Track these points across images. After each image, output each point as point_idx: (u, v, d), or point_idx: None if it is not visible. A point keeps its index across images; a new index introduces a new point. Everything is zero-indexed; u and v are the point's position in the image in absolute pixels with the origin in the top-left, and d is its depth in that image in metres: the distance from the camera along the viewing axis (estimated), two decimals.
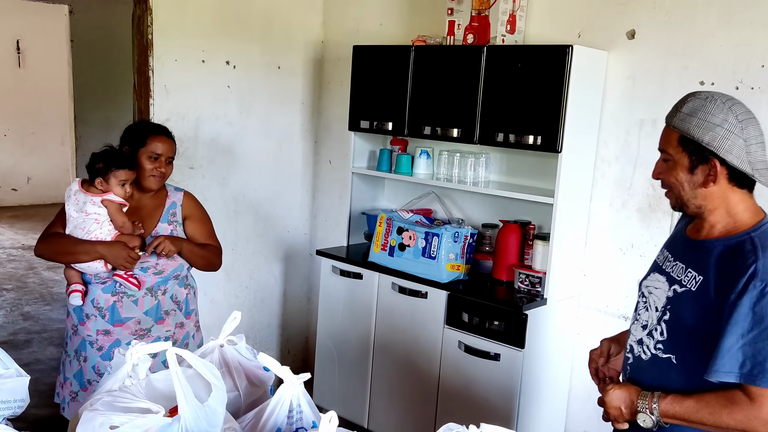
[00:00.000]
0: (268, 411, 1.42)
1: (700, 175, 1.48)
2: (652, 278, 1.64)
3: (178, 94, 3.24)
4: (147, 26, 3.06)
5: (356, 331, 3.24)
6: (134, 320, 2.36)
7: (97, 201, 2.24)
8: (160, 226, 2.39)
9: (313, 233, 4.05)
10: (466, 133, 2.93)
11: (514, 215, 3.10)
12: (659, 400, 1.48)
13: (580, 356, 3.00)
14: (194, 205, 2.51)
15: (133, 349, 1.47)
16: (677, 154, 1.49)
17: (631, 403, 1.52)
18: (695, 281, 1.49)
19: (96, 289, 2.34)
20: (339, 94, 3.75)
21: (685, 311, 1.49)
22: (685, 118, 1.47)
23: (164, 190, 2.47)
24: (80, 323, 2.36)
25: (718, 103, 1.45)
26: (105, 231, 2.26)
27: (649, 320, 1.58)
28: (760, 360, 1.37)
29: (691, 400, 1.45)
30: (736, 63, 2.51)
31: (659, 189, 2.72)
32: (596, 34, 2.84)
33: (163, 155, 2.36)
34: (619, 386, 1.56)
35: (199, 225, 2.49)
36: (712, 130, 1.44)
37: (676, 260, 1.57)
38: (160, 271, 2.37)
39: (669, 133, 1.52)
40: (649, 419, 1.48)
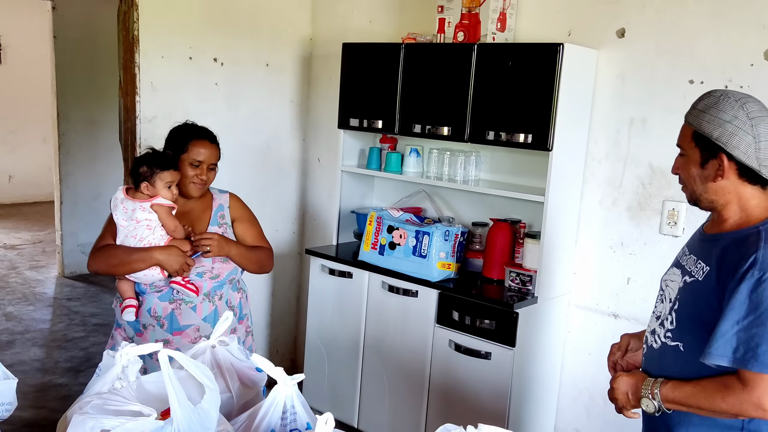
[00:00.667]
0: (262, 412, 1.40)
1: (710, 170, 1.53)
2: (670, 272, 1.70)
3: (165, 91, 3.20)
4: (133, 22, 3.01)
5: (346, 331, 3.22)
6: (193, 327, 2.29)
7: (146, 206, 2.17)
8: (210, 228, 2.34)
9: (302, 232, 4.02)
10: (457, 132, 2.92)
11: (504, 213, 3.10)
12: (661, 385, 1.54)
13: (571, 354, 3.01)
14: (242, 206, 2.46)
15: (123, 351, 1.44)
16: (690, 149, 1.56)
17: (636, 390, 1.58)
18: (702, 271, 1.55)
19: (152, 297, 2.27)
20: (328, 92, 3.72)
21: (692, 300, 1.56)
22: (698, 114, 1.53)
23: (209, 193, 2.42)
24: (137, 334, 2.28)
25: (731, 101, 1.50)
26: (158, 236, 2.19)
27: (663, 311, 1.65)
28: (752, 346, 1.41)
29: (689, 386, 1.52)
30: (725, 61, 2.52)
31: (649, 187, 2.75)
32: (586, 32, 2.84)
33: (204, 162, 2.28)
34: (626, 374, 1.64)
35: (249, 227, 2.44)
36: (721, 126, 1.49)
37: (691, 254, 1.64)
38: (216, 275, 2.31)
39: (685, 129, 1.58)
40: (651, 404, 1.54)
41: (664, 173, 2.70)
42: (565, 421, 3.04)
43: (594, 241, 2.91)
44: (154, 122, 3.16)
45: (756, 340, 1.41)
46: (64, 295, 5.34)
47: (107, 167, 5.78)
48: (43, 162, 7.83)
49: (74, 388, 3.67)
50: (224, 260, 2.31)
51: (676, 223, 2.68)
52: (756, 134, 1.47)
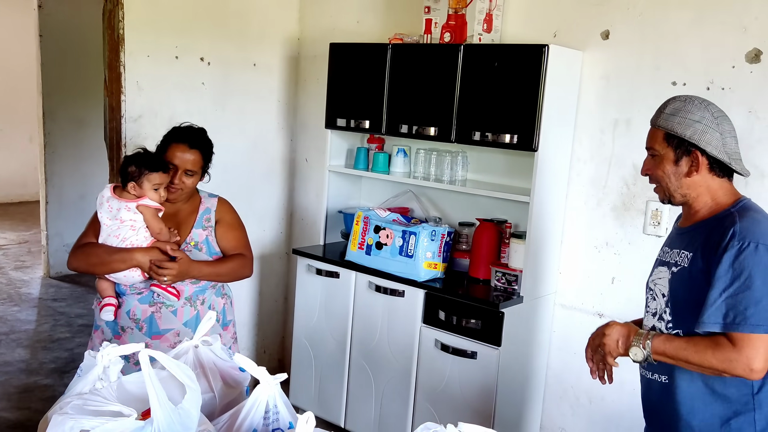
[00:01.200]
0: (244, 412, 1.40)
1: (684, 166, 1.67)
2: (655, 273, 1.80)
3: (150, 91, 3.18)
4: (118, 21, 3.00)
5: (333, 331, 3.22)
6: (173, 332, 2.26)
7: (132, 207, 2.14)
8: (194, 231, 2.31)
9: (289, 232, 4.02)
10: (443, 132, 2.93)
11: (490, 214, 3.11)
12: (653, 337, 1.63)
13: (556, 353, 3.03)
14: (228, 210, 2.41)
15: (104, 351, 1.44)
16: (663, 149, 1.69)
17: (627, 339, 1.67)
18: (687, 258, 1.66)
19: (132, 300, 2.24)
20: (315, 92, 3.72)
21: (682, 286, 1.66)
22: (668, 117, 1.68)
23: (198, 195, 2.38)
24: (115, 337, 2.25)
25: (696, 103, 1.66)
26: (141, 238, 2.16)
27: (658, 307, 1.73)
28: (741, 309, 1.52)
29: (681, 340, 1.62)
30: (707, 64, 2.54)
31: (633, 188, 2.77)
32: (571, 34, 2.86)
33: (179, 166, 2.20)
34: (618, 323, 1.73)
35: (228, 230, 2.37)
36: (692, 126, 1.64)
37: (672, 249, 1.75)
38: (198, 279, 2.28)
39: (655, 132, 1.72)
40: (640, 353, 1.64)
41: None
42: (551, 420, 3.06)
43: (579, 241, 2.93)
44: (140, 122, 3.15)
45: (743, 304, 1.52)
46: (50, 295, 5.30)
47: (93, 167, 5.74)
48: (29, 161, 7.77)
49: (59, 389, 3.65)
50: None
51: (659, 223, 2.70)
52: (722, 131, 1.64)
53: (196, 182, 2.29)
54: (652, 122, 1.73)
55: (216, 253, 2.33)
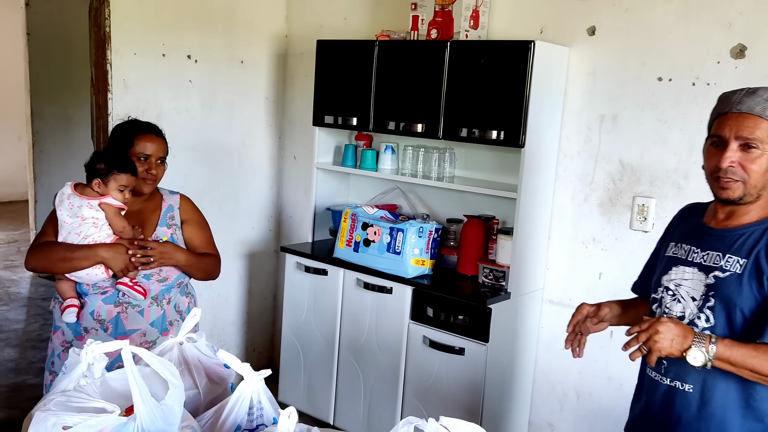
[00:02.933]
0: (228, 408, 1.40)
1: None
2: (676, 272, 1.67)
3: (137, 89, 3.17)
4: (104, 19, 2.98)
5: (321, 328, 3.22)
6: (139, 332, 2.20)
7: (94, 204, 2.09)
8: (159, 230, 2.27)
9: (278, 229, 4.01)
10: (430, 129, 2.93)
11: (478, 210, 3.12)
12: (717, 341, 1.50)
13: (544, 349, 3.04)
14: (192, 208, 2.39)
15: (88, 348, 1.44)
16: (766, 143, 1.53)
17: (683, 339, 1.50)
18: (739, 265, 1.55)
19: (96, 300, 2.17)
20: (303, 89, 3.72)
21: (734, 293, 1.55)
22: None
23: (158, 193, 2.35)
24: (77, 338, 2.18)
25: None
26: (104, 235, 2.11)
27: (686, 311, 1.62)
28: None
29: (747, 348, 1.49)
30: (692, 59, 2.56)
31: (619, 183, 2.78)
32: (558, 30, 2.87)
33: (152, 155, 2.22)
34: (672, 320, 1.53)
35: (198, 230, 2.36)
36: None
37: (707, 250, 1.62)
38: (165, 278, 2.24)
39: (760, 122, 1.53)
40: (701, 356, 1.49)
41: (634, 170, 2.74)
42: (539, 416, 3.07)
43: (566, 237, 2.94)
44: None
45: None
46: (39, 294, 5.27)
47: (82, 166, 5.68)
48: (18, 160, 7.71)
49: None
50: None
51: (645, 218, 2.72)
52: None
53: (164, 171, 2.30)
54: (757, 111, 1.53)
55: None
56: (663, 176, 2.66)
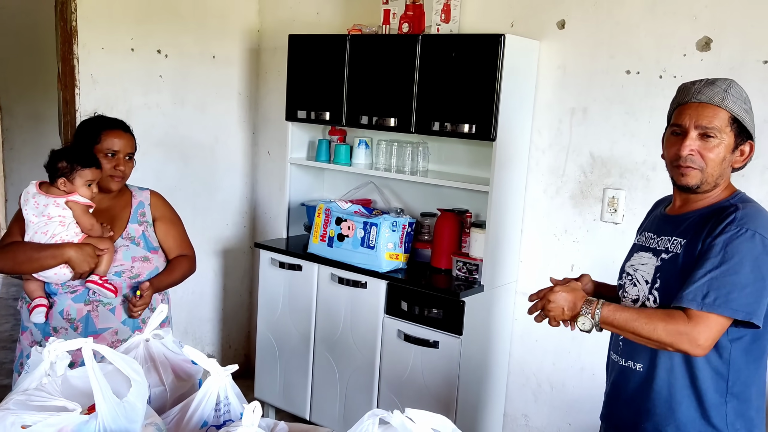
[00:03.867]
0: (194, 404, 1.39)
1: (735, 155, 1.60)
2: (636, 258, 1.72)
3: (106, 84, 3.13)
4: (71, 13, 2.94)
5: (296, 323, 3.21)
6: (111, 330, 2.17)
7: (61, 203, 2.05)
8: (130, 227, 2.23)
9: (253, 226, 3.99)
10: (403, 123, 2.93)
11: (452, 204, 3.13)
12: (602, 306, 1.57)
13: (518, 341, 3.06)
14: (164, 205, 2.36)
15: (51, 347, 1.41)
16: (726, 133, 1.57)
17: (574, 306, 1.60)
18: (680, 245, 1.60)
19: (65, 299, 2.13)
20: (277, 84, 3.70)
21: (674, 273, 1.59)
22: (735, 101, 1.57)
23: (127, 190, 2.31)
24: (46, 339, 2.13)
25: (744, 91, 1.60)
26: (71, 233, 2.07)
27: (640, 293, 1.67)
28: (724, 292, 1.48)
29: (631, 311, 1.56)
30: (659, 52, 2.58)
31: (590, 176, 2.81)
32: (528, 23, 2.88)
33: (120, 151, 2.17)
34: (564, 288, 1.63)
35: (171, 227, 2.33)
36: (750, 116, 1.60)
37: (660, 236, 1.68)
38: (136, 275, 2.20)
39: (718, 112, 1.56)
40: (588, 322, 1.58)
41: (604, 162, 2.76)
42: (514, 407, 3.10)
43: (539, 230, 2.96)
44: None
45: (728, 287, 1.48)
46: (10, 295, 5.19)
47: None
48: None
49: None
50: (144, 259, 2.22)
51: (616, 210, 2.74)
52: None
53: (132, 167, 2.25)
54: (716, 101, 1.55)
55: (153, 248, 2.27)
56: (632, 168, 2.69)
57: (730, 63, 2.44)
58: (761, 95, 2.38)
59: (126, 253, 2.19)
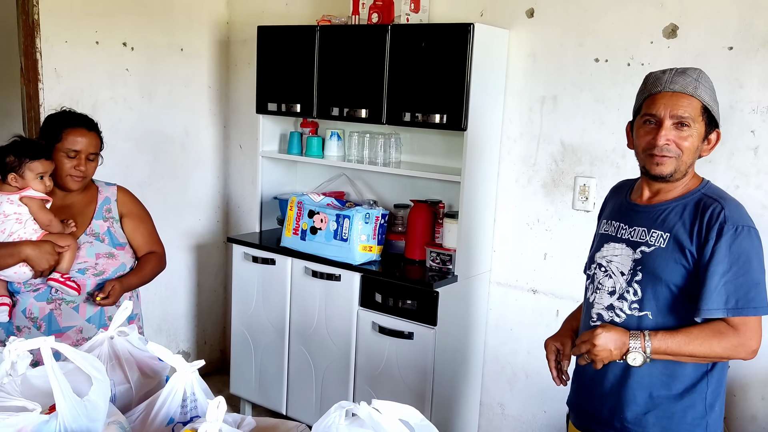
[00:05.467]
0: (160, 401, 1.37)
1: (704, 144, 1.63)
2: (607, 249, 1.72)
3: (70, 78, 3.06)
4: (32, 6, 2.87)
5: (271, 318, 3.19)
6: (75, 329, 2.13)
7: (14, 199, 2.00)
8: (94, 223, 2.19)
9: (226, 220, 3.95)
10: (374, 114, 2.91)
11: (425, 195, 3.12)
12: (650, 338, 1.56)
13: (492, 331, 3.07)
14: (131, 201, 2.31)
15: (11, 346, 1.38)
16: (698, 122, 1.59)
17: (622, 345, 1.57)
18: (663, 239, 1.61)
19: (27, 297, 2.10)
20: (247, 77, 3.65)
21: (659, 267, 1.60)
22: (706, 90, 1.59)
23: (93, 185, 2.26)
24: (9, 337, 2.10)
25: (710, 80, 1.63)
26: (29, 230, 2.03)
27: (617, 286, 1.67)
28: (743, 294, 1.52)
29: (680, 335, 1.56)
30: (627, 40, 2.59)
31: (561, 164, 2.82)
32: (497, 12, 2.88)
33: (82, 151, 2.11)
34: (605, 329, 1.59)
35: (139, 224, 2.29)
36: (717, 104, 1.63)
37: (633, 226, 1.68)
38: (101, 271, 2.16)
39: (692, 101, 1.58)
40: (640, 357, 1.56)
41: (575, 150, 2.77)
42: (490, 396, 3.11)
43: (511, 219, 2.97)
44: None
45: (745, 287, 1.52)
46: None
47: None
48: None
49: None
50: (109, 256, 2.19)
51: (587, 198, 2.76)
52: None
53: (96, 166, 2.20)
54: (690, 91, 1.57)
55: (119, 243, 2.23)
56: (602, 156, 2.71)
57: (696, 50, 2.46)
58: (726, 81, 2.41)
59: (90, 250, 2.16)
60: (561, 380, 1.81)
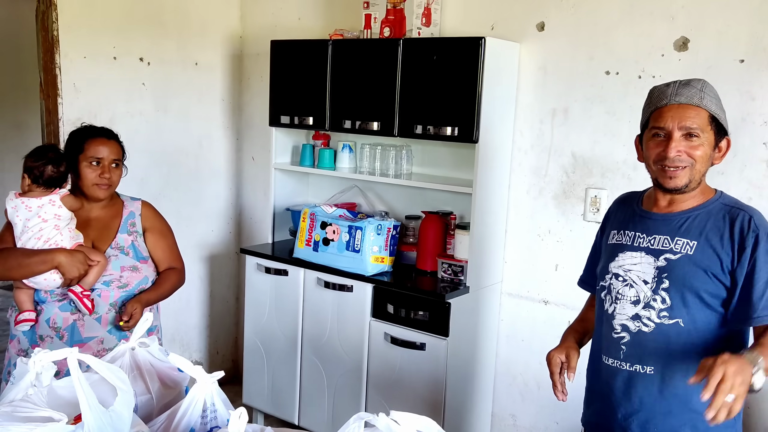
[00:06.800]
0: (181, 412, 1.40)
1: (715, 153, 1.65)
2: (623, 258, 1.71)
3: (88, 93, 3.12)
4: (52, 22, 2.93)
5: (283, 328, 3.21)
6: (96, 340, 2.17)
7: (56, 200, 2.09)
8: (119, 236, 2.24)
9: (238, 231, 3.99)
10: (386, 126, 2.95)
11: (436, 206, 3.15)
12: (763, 359, 1.46)
13: (504, 342, 3.08)
14: (154, 216, 2.36)
15: (36, 357, 1.41)
16: (707, 132, 1.61)
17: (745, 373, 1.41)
18: (689, 246, 1.62)
19: (52, 307, 2.14)
20: (260, 90, 3.70)
21: (688, 275, 1.61)
22: (711, 100, 1.62)
23: (119, 199, 2.32)
24: (32, 346, 2.15)
25: (714, 89, 1.65)
26: (66, 238, 2.10)
27: (641, 294, 1.66)
28: None
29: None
30: (638, 53, 2.62)
31: (572, 176, 2.84)
32: (508, 26, 2.91)
33: (105, 159, 2.18)
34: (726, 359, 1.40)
35: (160, 239, 2.34)
36: (724, 112, 1.65)
37: (653, 235, 1.68)
38: (125, 284, 2.21)
39: (699, 112, 1.61)
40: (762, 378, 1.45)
41: (586, 162, 2.79)
42: (502, 407, 3.12)
43: (523, 230, 2.99)
44: (78, 124, 3.05)
45: None
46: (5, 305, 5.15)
47: None
48: None
49: None
50: (133, 269, 2.24)
51: (598, 209, 2.77)
52: None
53: (121, 175, 2.27)
54: (695, 102, 1.60)
55: (143, 257, 2.28)
56: (613, 168, 2.72)
57: (707, 63, 2.48)
58: (738, 94, 2.42)
59: (115, 263, 2.21)
60: (563, 394, 1.79)
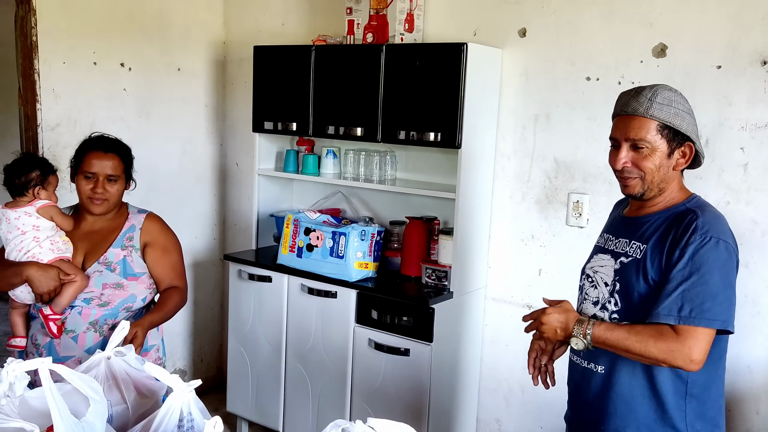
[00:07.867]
0: (157, 421, 1.38)
1: (673, 160, 1.62)
2: (595, 260, 1.76)
3: (68, 98, 3.09)
4: (31, 27, 2.90)
5: (267, 335, 3.19)
6: (74, 359, 2.05)
7: (32, 211, 2.03)
8: (111, 251, 2.13)
9: (222, 238, 3.97)
10: (369, 132, 2.94)
11: (420, 212, 3.15)
12: (594, 326, 1.60)
13: (488, 347, 3.08)
14: (157, 230, 2.22)
15: (9, 367, 1.39)
16: (656, 141, 1.60)
17: (566, 327, 1.63)
18: (640, 250, 1.63)
19: (36, 323, 2.11)
20: (243, 96, 3.69)
21: (634, 277, 1.63)
22: (661, 107, 1.58)
23: (125, 211, 2.23)
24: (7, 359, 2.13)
25: (678, 93, 1.63)
26: (45, 250, 2.02)
27: (600, 295, 1.70)
28: (698, 303, 1.51)
29: (622, 329, 1.58)
30: (617, 59, 2.63)
31: (555, 181, 2.85)
32: (490, 32, 2.92)
33: (98, 173, 2.08)
34: (556, 309, 1.65)
35: (161, 256, 2.19)
36: (684, 117, 1.60)
37: (618, 238, 1.72)
38: (106, 302, 2.09)
39: (644, 122, 1.59)
40: (581, 342, 1.61)
41: (568, 167, 2.80)
42: (487, 412, 3.11)
43: (506, 235, 2.99)
44: (57, 130, 3.05)
45: (701, 297, 1.51)
46: None
47: None
48: None
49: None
50: (117, 286, 2.12)
51: (580, 214, 2.78)
52: (696, 124, 1.64)
53: (121, 189, 2.17)
54: (641, 112, 1.58)
55: (132, 274, 2.16)
56: (595, 172, 2.74)
57: (685, 69, 2.50)
58: (715, 99, 2.44)
59: (98, 279, 2.11)
60: (537, 380, 1.83)
